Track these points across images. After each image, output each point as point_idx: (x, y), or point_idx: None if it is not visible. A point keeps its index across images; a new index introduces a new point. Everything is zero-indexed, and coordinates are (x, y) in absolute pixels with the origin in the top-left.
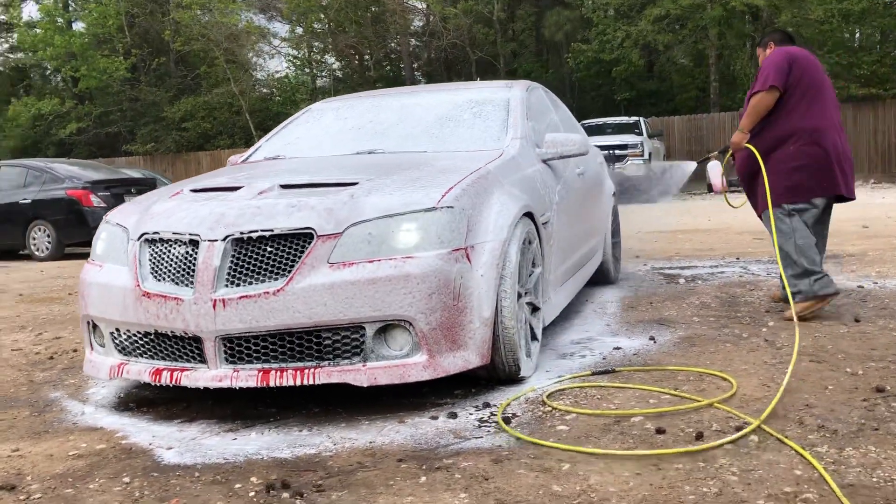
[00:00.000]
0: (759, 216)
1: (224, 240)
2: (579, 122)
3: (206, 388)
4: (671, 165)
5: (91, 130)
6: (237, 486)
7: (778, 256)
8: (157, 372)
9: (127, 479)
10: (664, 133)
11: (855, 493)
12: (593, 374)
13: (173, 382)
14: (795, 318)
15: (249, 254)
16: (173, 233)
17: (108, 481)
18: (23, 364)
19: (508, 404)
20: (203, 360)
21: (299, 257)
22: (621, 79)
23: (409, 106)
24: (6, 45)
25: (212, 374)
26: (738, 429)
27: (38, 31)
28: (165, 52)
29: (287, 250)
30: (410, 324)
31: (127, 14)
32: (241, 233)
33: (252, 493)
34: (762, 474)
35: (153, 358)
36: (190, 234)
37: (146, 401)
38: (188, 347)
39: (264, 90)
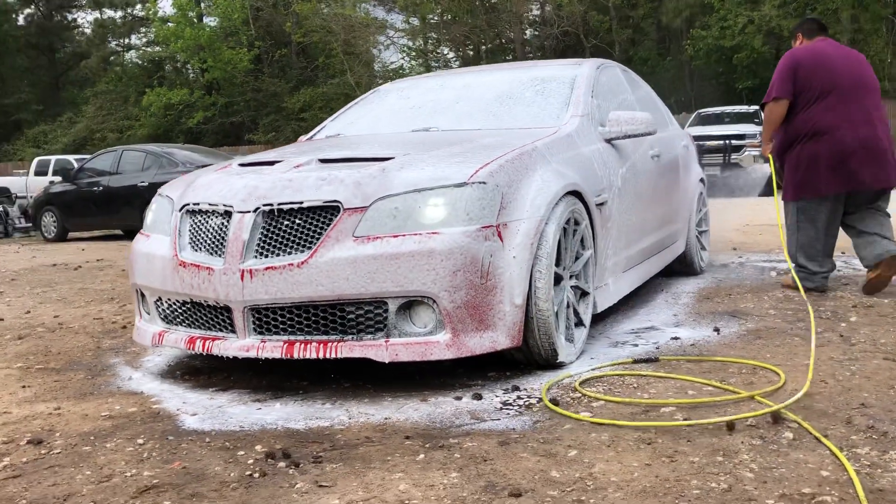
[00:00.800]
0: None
1: (255, 211)
2: (697, 110)
3: (248, 360)
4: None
5: (217, 120)
6: (240, 453)
7: (784, 245)
8: (192, 340)
9: (141, 441)
10: None
11: (882, 498)
12: (634, 361)
13: (205, 351)
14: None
15: (278, 226)
16: (210, 204)
17: (124, 442)
18: (97, 332)
19: (549, 387)
20: (233, 330)
21: (325, 230)
22: (743, 66)
23: (472, 84)
24: (144, 40)
25: (239, 344)
26: (775, 419)
27: (170, 24)
28: (286, 44)
29: (314, 223)
30: (434, 301)
31: (252, 7)
32: (271, 205)
33: (251, 461)
34: (783, 473)
35: (190, 327)
36: (224, 206)
37: (193, 369)
38: (220, 317)
39: (380, 81)
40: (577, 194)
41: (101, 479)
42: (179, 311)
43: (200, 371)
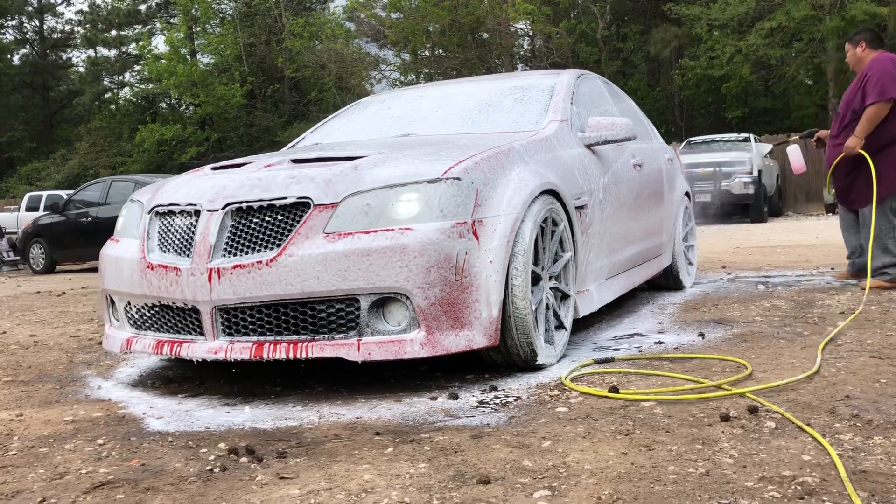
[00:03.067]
0: (856, 210)
1: (223, 209)
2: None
3: (223, 368)
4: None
5: (210, 154)
6: (202, 450)
7: (871, 240)
8: (160, 344)
9: (101, 442)
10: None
11: (865, 479)
12: (595, 362)
13: (173, 355)
14: (868, 286)
15: (247, 224)
16: (178, 204)
17: (84, 443)
18: (72, 348)
19: (575, 374)
20: (202, 332)
21: (294, 227)
22: (731, 95)
23: (452, 94)
24: (137, 77)
25: (207, 347)
26: (752, 410)
27: (163, 61)
28: (279, 80)
29: (283, 220)
30: (408, 297)
31: (244, 44)
32: (240, 202)
33: (213, 457)
34: (764, 458)
35: (159, 331)
36: (192, 205)
37: (165, 379)
38: (188, 319)
39: None
40: (555, 195)
41: (53, 477)
42: (148, 314)
43: (172, 380)
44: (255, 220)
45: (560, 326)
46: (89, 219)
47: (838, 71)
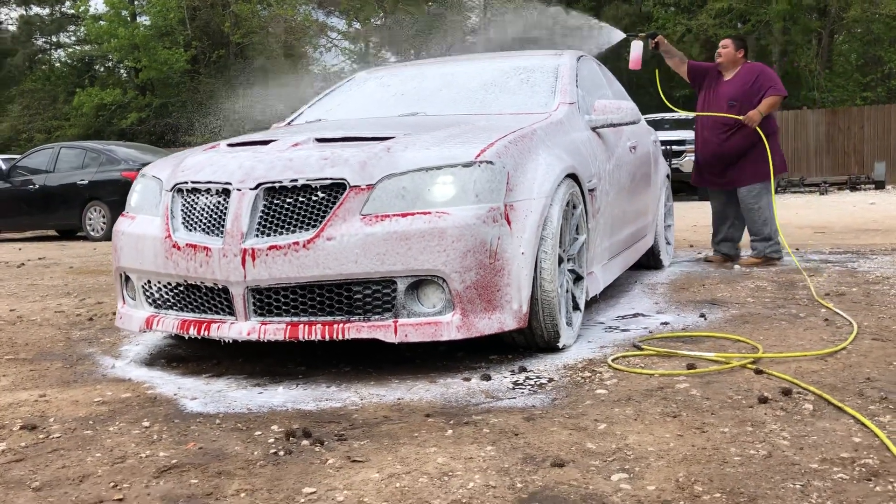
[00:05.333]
0: (735, 189)
1: (256, 188)
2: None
3: (237, 346)
4: (602, 28)
5: (152, 121)
6: (257, 433)
7: (767, 219)
8: (185, 324)
9: (147, 424)
10: None
11: None
12: (635, 346)
13: (201, 335)
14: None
15: (281, 204)
16: (205, 182)
17: (128, 425)
18: (63, 324)
19: (644, 349)
20: (232, 313)
21: (331, 208)
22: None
23: (454, 73)
24: (73, 38)
25: (239, 327)
26: (786, 392)
27: (102, 23)
28: (225, 45)
29: (319, 201)
30: (444, 280)
31: (189, 7)
32: (273, 182)
33: (272, 440)
34: (816, 440)
35: (183, 310)
36: (222, 183)
37: (177, 357)
38: (217, 299)
39: (321, 84)
40: (574, 178)
41: (114, 461)
42: (171, 294)
43: (186, 359)
44: (288, 200)
45: (575, 308)
46: (35, 187)
47: (782, 53)
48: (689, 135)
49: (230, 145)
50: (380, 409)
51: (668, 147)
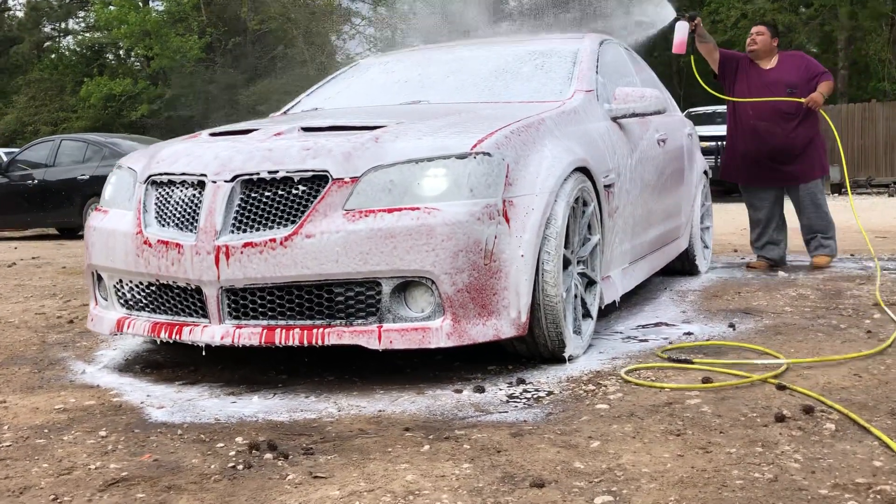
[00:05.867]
0: (798, 185)
1: (232, 181)
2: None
3: (218, 352)
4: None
5: (163, 113)
6: (219, 445)
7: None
8: (156, 327)
9: (104, 433)
10: None
11: None
12: (669, 360)
13: (172, 338)
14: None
15: (258, 198)
16: (180, 174)
17: (84, 434)
18: (41, 327)
19: (633, 372)
20: (205, 315)
21: (311, 203)
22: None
23: (464, 59)
24: (82, 24)
25: (212, 331)
26: (807, 410)
27: (112, 8)
28: (241, 32)
29: (299, 195)
30: (433, 283)
31: None
32: (250, 174)
33: (233, 453)
34: (832, 463)
35: (155, 312)
36: (197, 175)
37: (153, 363)
38: (190, 300)
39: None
40: (585, 172)
41: (60, 472)
42: (142, 294)
43: (163, 365)
44: (266, 194)
45: (586, 315)
46: (35, 182)
47: (849, 40)
48: None
49: (212, 134)
50: (357, 421)
51: (720, 143)
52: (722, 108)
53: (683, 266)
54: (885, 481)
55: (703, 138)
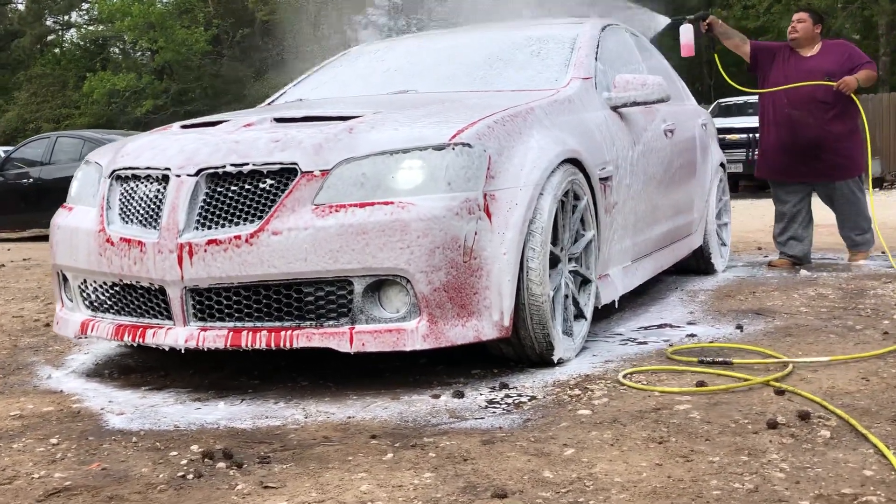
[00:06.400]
0: (833, 181)
1: (196, 175)
2: (717, 100)
3: (192, 356)
4: (645, 13)
5: (169, 109)
6: (173, 453)
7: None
8: (120, 329)
9: (55, 441)
10: None
11: None
12: (700, 362)
13: (135, 341)
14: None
15: (224, 192)
16: (144, 168)
17: (35, 442)
18: (16, 330)
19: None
20: (170, 317)
21: (279, 198)
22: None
23: (458, 46)
24: (86, 17)
25: (176, 334)
26: (803, 416)
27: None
28: (250, 23)
29: (266, 189)
30: (408, 281)
31: None
32: (216, 167)
33: (185, 462)
34: (819, 472)
35: (119, 313)
36: (161, 169)
37: (124, 368)
38: (154, 301)
39: None
40: (577, 164)
41: (1, 482)
42: (107, 295)
43: (134, 369)
44: (233, 188)
45: (579, 315)
46: (31, 180)
47: (891, 25)
48: None
49: (183, 127)
50: (323, 428)
51: (751, 136)
52: (753, 99)
53: (698, 264)
54: (873, 492)
55: (733, 130)
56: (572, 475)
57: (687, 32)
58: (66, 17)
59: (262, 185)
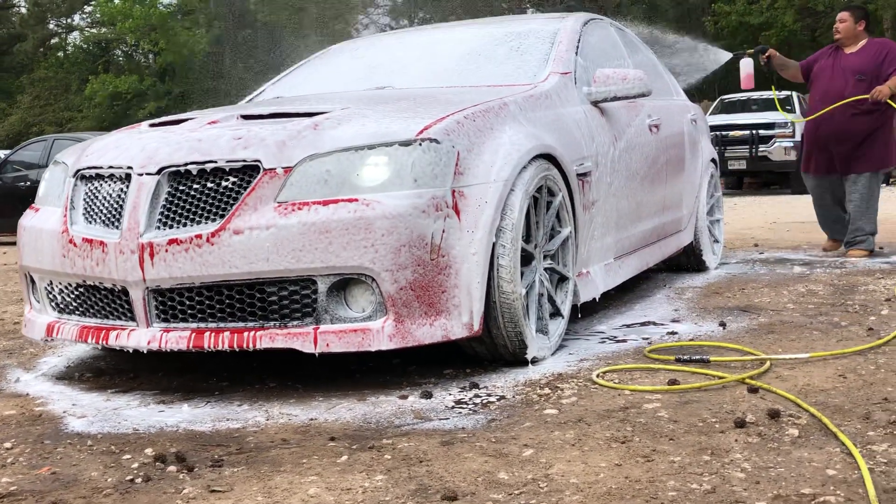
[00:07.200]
0: (846, 176)
1: (158, 173)
2: (720, 96)
3: (161, 357)
4: (708, 49)
5: (172, 111)
6: (126, 457)
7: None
8: (84, 331)
9: (9, 445)
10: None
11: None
12: (677, 360)
13: (99, 343)
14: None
15: (186, 191)
16: (107, 167)
17: None
18: None
19: (602, 373)
20: (133, 318)
21: (240, 196)
22: (771, 46)
23: (438, 42)
24: (88, 20)
25: (139, 335)
26: (773, 415)
27: (117, 1)
28: (251, 25)
29: (228, 188)
30: (374, 280)
31: None
32: (177, 166)
33: (135, 465)
34: (781, 472)
35: (84, 315)
36: (123, 168)
37: (95, 370)
38: (118, 302)
39: None
40: (551, 160)
41: None
42: (73, 296)
43: (104, 372)
44: (195, 187)
45: (556, 314)
46: (28, 183)
47: None
48: (778, 117)
49: (151, 125)
50: (283, 430)
51: (754, 132)
52: (756, 95)
53: (689, 261)
54: (833, 492)
55: (736, 127)
56: (528, 476)
57: (747, 66)
58: (69, 20)
59: (224, 184)
